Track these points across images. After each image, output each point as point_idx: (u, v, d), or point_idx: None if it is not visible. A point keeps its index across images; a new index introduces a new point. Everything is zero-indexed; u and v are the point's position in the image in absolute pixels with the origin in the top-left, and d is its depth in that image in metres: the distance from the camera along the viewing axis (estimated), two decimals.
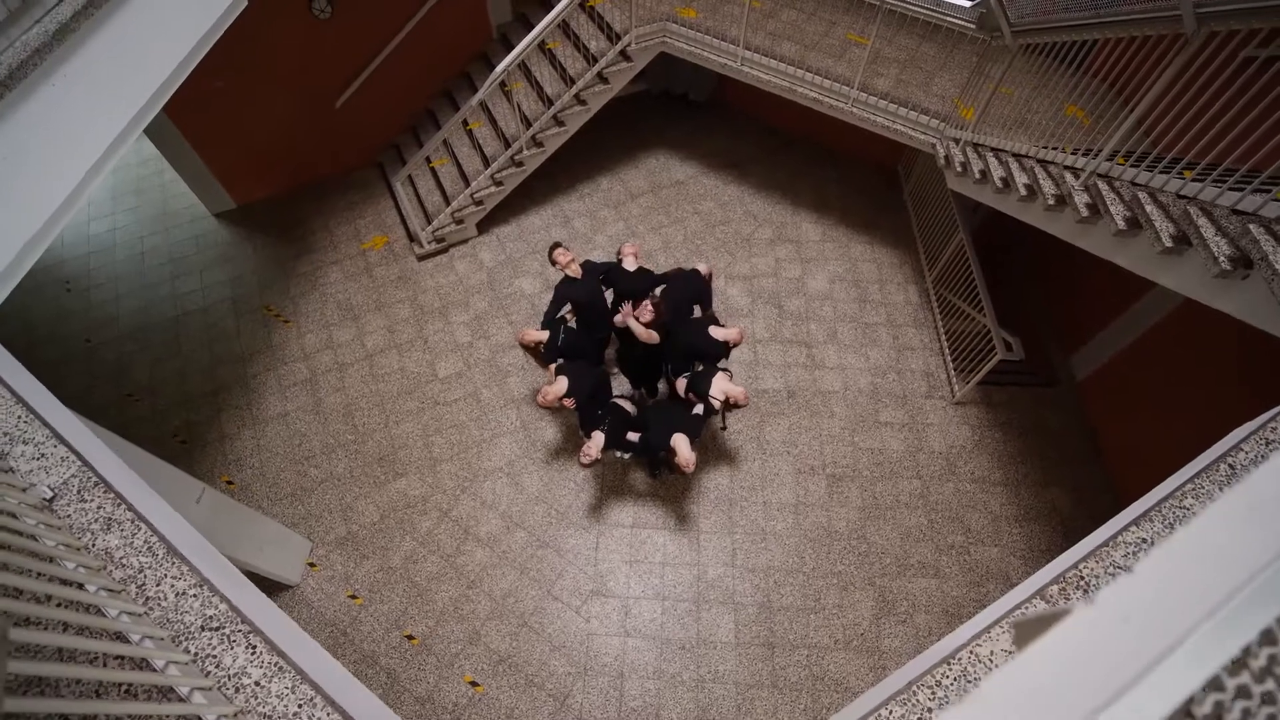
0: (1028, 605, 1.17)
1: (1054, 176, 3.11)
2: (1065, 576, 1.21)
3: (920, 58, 4.93)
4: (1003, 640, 1.15)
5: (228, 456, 4.79)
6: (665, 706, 3.85)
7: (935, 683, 1.10)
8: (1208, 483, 1.31)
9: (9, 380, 1.52)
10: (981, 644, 1.14)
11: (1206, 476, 1.33)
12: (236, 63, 5.04)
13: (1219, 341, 3.80)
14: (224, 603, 1.18)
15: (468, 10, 6.08)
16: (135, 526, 1.27)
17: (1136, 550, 1.22)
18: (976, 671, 1.11)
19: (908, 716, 1.08)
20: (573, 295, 4.17)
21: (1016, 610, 1.16)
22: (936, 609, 4.21)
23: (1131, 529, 1.25)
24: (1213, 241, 2.05)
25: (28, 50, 2.22)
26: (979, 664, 1.13)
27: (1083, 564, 1.23)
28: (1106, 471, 4.69)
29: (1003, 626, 1.16)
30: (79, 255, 6.05)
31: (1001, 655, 1.13)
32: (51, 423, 1.42)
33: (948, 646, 1.14)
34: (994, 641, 1.14)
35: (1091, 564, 1.23)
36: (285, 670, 1.09)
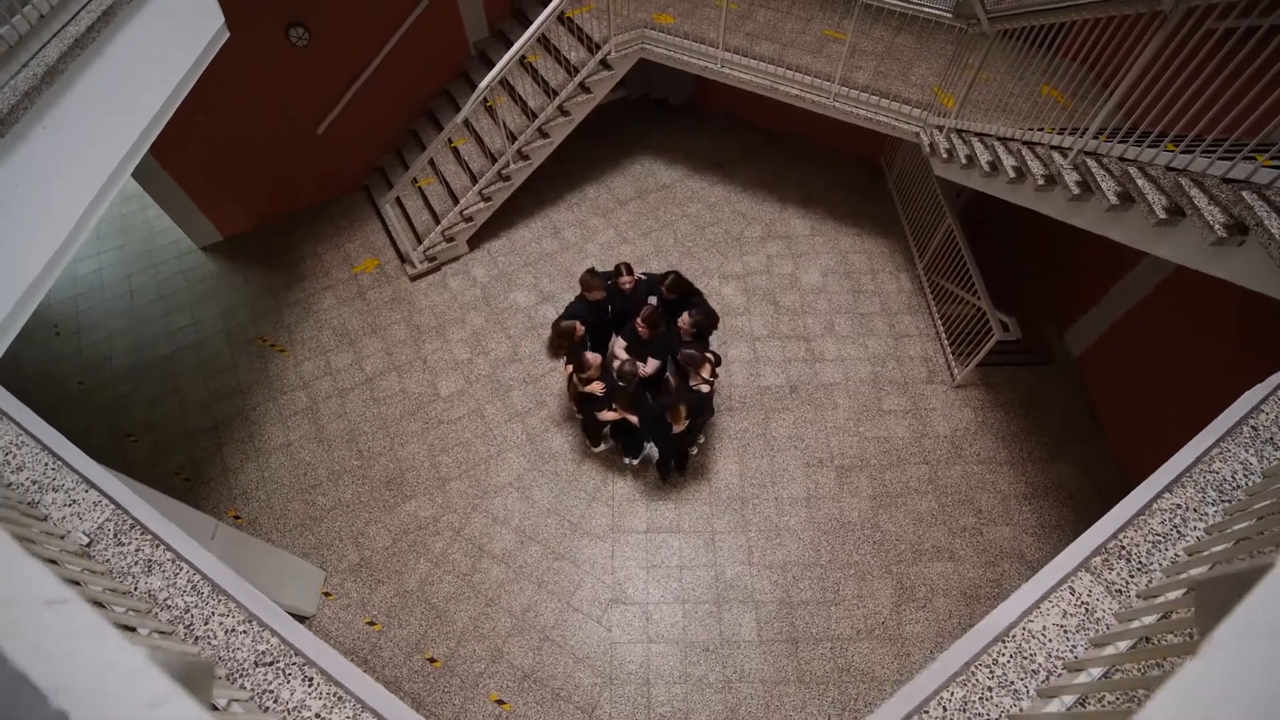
0: (1074, 578, 1.19)
1: (1041, 157, 3.17)
2: (1106, 547, 1.23)
3: (897, 49, 5.01)
4: (1054, 615, 1.16)
5: (233, 491, 4.72)
6: (694, 710, 3.83)
7: (993, 661, 1.12)
8: (1234, 445, 1.34)
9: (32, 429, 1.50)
10: (1034, 619, 1.15)
11: (1231, 439, 1.36)
12: (217, 95, 5.01)
13: (1213, 308, 3.88)
14: (275, 636, 1.17)
15: (445, 29, 6.09)
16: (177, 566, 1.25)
17: (1173, 517, 1.25)
18: (1032, 648, 1.13)
19: (969, 697, 1.09)
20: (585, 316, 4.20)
21: (1064, 583, 1.18)
22: (955, 592, 4.23)
23: (1165, 496, 1.28)
24: (1206, 211, 2.10)
25: (17, 94, 2.20)
26: (1033, 640, 1.14)
27: (1121, 534, 1.25)
28: (1108, 443, 4.76)
29: (1051, 601, 1.18)
30: (66, 298, 5.97)
31: (1055, 630, 1.14)
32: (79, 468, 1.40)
33: (1000, 623, 1.15)
34: (1045, 616, 1.16)
35: (1130, 533, 1.25)
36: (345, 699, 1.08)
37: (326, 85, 5.82)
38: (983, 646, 1.13)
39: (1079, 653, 1.11)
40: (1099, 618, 1.15)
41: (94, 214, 2.46)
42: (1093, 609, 1.16)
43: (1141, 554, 1.22)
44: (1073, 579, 1.19)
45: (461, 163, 5.93)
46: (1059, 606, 1.17)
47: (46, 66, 2.36)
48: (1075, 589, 1.18)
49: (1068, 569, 1.22)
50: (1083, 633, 1.14)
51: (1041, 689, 1.05)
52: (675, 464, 4.54)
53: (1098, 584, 1.18)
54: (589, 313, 4.21)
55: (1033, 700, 1.07)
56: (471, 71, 6.31)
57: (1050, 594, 1.18)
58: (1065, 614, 1.16)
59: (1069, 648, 1.12)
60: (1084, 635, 1.13)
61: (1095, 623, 1.15)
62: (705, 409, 3.96)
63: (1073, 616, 1.16)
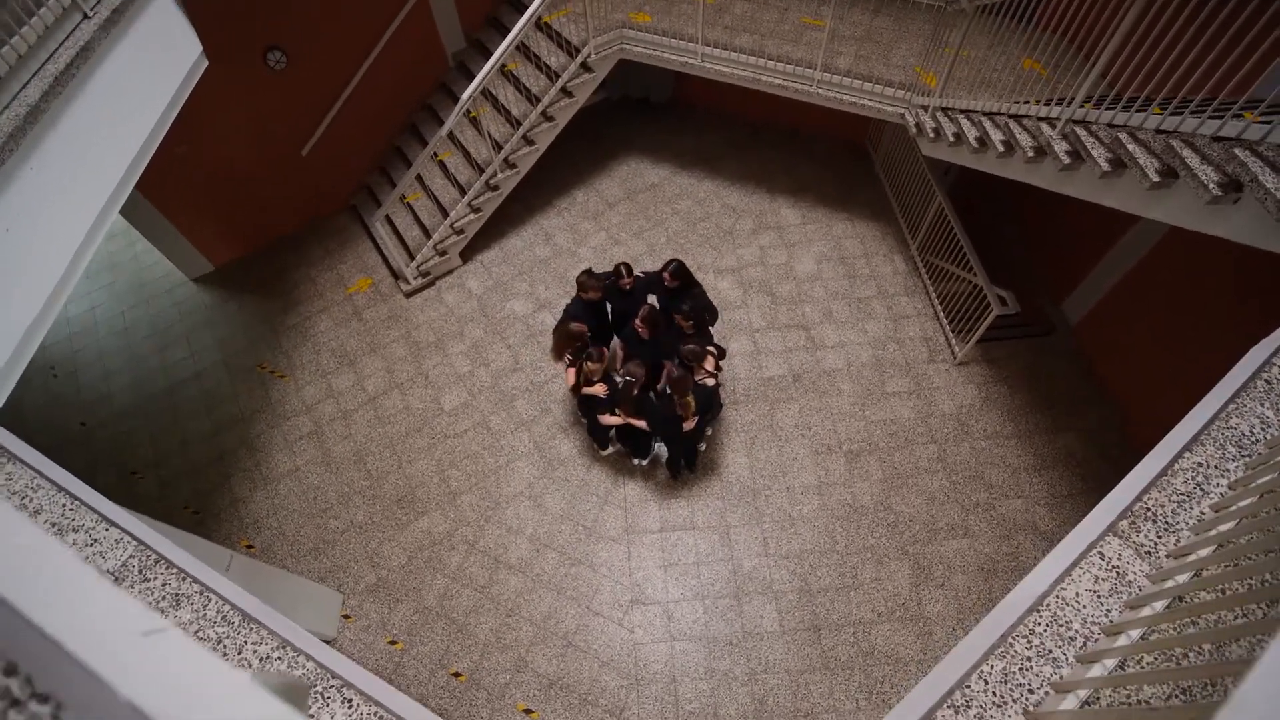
0: (1103, 544, 1.20)
1: (1029, 129, 3.18)
2: (1132, 510, 1.23)
3: (876, 32, 5.02)
4: (1085, 581, 1.17)
5: (244, 520, 4.70)
6: (722, 705, 3.83)
7: (1029, 631, 1.12)
8: (1249, 400, 1.35)
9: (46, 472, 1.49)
10: (1066, 587, 1.15)
11: (1246, 394, 1.36)
12: (198, 125, 4.99)
13: (1209, 267, 3.91)
14: (310, 660, 1.16)
15: (422, 42, 6.08)
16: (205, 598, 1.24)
17: (1195, 475, 1.25)
18: (1067, 615, 1.13)
19: (1009, 669, 1.09)
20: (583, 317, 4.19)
21: (1093, 549, 1.18)
22: (972, 568, 4.24)
23: (1185, 455, 1.28)
24: (1200, 170, 2.11)
25: (2, 136, 2.19)
26: (1067, 607, 1.14)
27: (1145, 496, 1.26)
28: (1113, 410, 4.78)
29: (1082, 567, 1.18)
30: (60, 339, 5.93)
31: (1088, 595, 1.15)
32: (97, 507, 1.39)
33: (1032, 593, 1.15)
34: (1077, 583, 1.16)
35: (1154, 494, 1.26)
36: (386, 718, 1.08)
37: (308, 107, 5.80)
38: (1018, 618, 1.13)
39: (1114, 616, 1.11)
40: (1131, 580, 1.16)
41: (87, 251, 2.45)
42: (1124, 572, 1.17)
43: (1167, 514, 1.22)
44: (1101, 544, 1.20)
45: (449, 176, 5.92)
46: (1090, 572, 1.17)
47: (29, 106, 2.35)
48: (1105, 554, 1.19)
49: (1095, 534, 1.22)
50: (1116, 596, 1.14)
51: (1081, 655, 1.06)
52: (685, 461, 4.54)
53: (1126, 547, 1.19)
54: (586, 314, 4.20)
55: (1072, 667, 1.07)
56: (451, 83, 6.30)
57: (1080, 560, 1.18)
58: (1097, 579, 1.16)
59: (1104, 612, 1.13)
60: (1118, 599, 1.13)
61: (1127, 586, 1.15)
62: (713, 403, 3.96)
63: (1104, 581, 1.16)
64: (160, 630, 0.24)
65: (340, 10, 5.40)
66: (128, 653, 0.22)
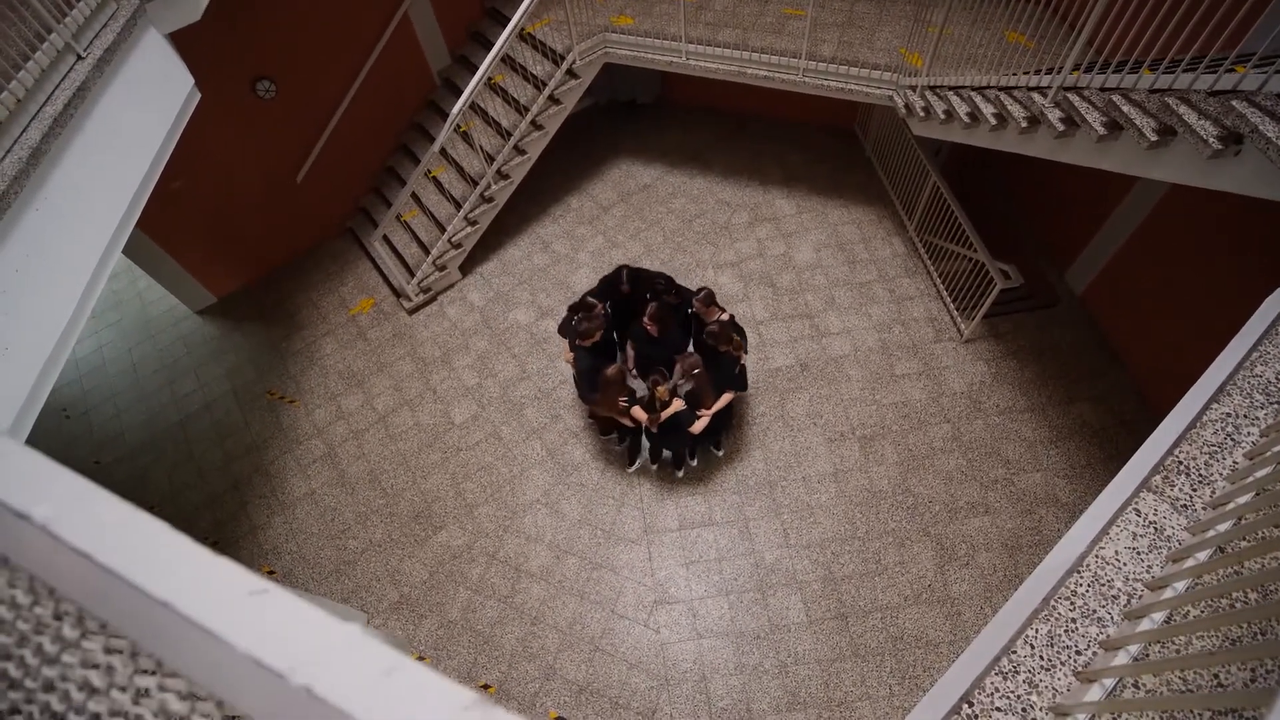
0: (1137, 500, 1.19)
1: (1021, 100, 3.18)
2: (1164, 464, 1.22)
3: (858, 17, 5.03)
4: (1123, 539, 1.16)
5: (263, 546, 4.71)
6: (754, 699, 3.81)
7: (1071, 593, 1.11)
8: (1272, 347, 1.34)
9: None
10: (1104, 546, 1.15)
11: (1268, 342, 1.36)
12: (192, 158, 5.02)
13: (1212, 222, 3.89)
14: None
15: (408, 62, 6.12)
16: None
17: (1225, 425, 1.25)
18: (1108, 574, 1.12)
19: (1054, 631, 1.09)
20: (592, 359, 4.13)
21: (1129, 506, 1.17)
22: (995, 545, 4.22)
23: (1213, 406, 1.27)
24: (1198, 126, 2.10)
25: (6, 179, 2.21)
26: (1108, 566, 1.13)
27: (1176, 449, 1.25)
28: (1129, 374, 4.76)
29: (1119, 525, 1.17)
30: (70, 380, 5.96)
31: (1128, 553, 1.14)
32: None
33: (1071, 555, 1.14)
34: (1116, 542, 1.15)
35: (1185, 448, 1.25)
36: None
37: (299, 133, 5.84)
38: (1058, 580, 1.13)
39: (1156, 571, 1.10)
40: (1169, 535, 1.15)
41: (96, 288, 2.47)
42: (1162, 527, 1.16)
43: (1200, 466, 1.21)
44: (1136, 500, 1.19)
45: (443, 191, 5.95)
46: (1127, 530, 1.17)
47: (31, 149, 2.37)
48: (1140, 510, 1.18)
49: (1128, 492, 1.21)
50: (1156, 552, 1.13)
51: (1127, 611, 1.05)
52: (689, 453, 4.52)
53: (1162, 502, 1.18)
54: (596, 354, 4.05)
55: (1119, 625, 1.06)
56: (439, 100, 6.34)
57: (1116, 519, 1.18)
58: (1135, 536, 1.15)
59: (1145, 568, 1.12)
60: (1158, 554, 1.13)
61: (1166, 541, 1.15)
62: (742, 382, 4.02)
63: (1143, 538, 1.15)
64: (265, 591, 0.24)
65: (325, 36, 5.45)
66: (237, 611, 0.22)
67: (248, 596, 0.23)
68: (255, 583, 0.24)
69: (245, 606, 0.23)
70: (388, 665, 0.21)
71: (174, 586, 0.22)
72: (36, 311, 2.15)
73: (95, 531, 0.24)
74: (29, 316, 2.14)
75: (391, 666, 0.21)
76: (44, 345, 2.14)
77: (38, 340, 2.11)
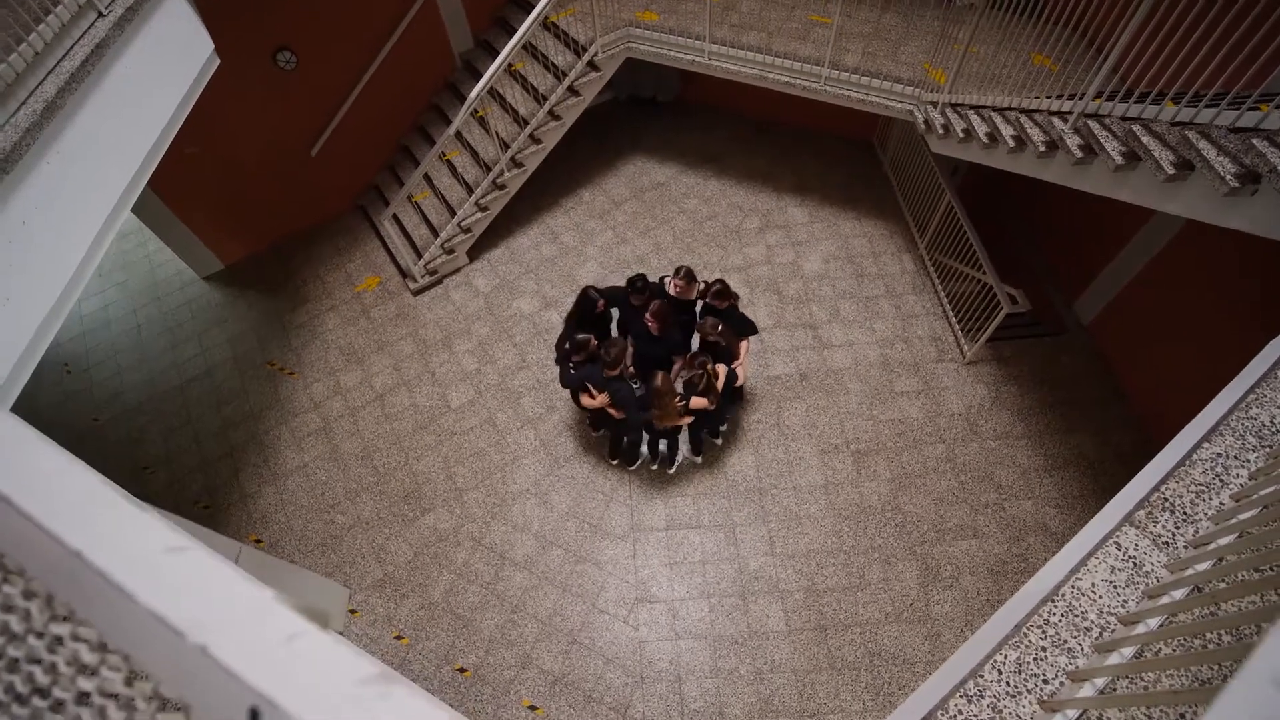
0: (1119, 534, 1.18)
1: (1041, 124, 3.16)
2: (1149, 500, 1.21)
3: (884, 28, 5.00)
4: (1101, 571, 1.15)
5: (253, 515, 4.73)
6: (727, 703, 3.81)
7: (1044, 621, 1.10)
8: (1269, 390, 1.32)
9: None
10: (1081, 577, 1.14)
11: (1266, 385, 1.34)
12: (209, 125, 5.03)
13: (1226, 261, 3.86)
14: None
15: (430, 43, 6.12)
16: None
17: (1215, 465, 1.23)
18: (1083, 605, 1.11)
19: (1023, 659, 1.08)
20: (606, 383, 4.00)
21: (1110, 539, 1.16)
22: (981, 569, 4.20)
23: (1205, 445, 1.26)
24: (1216, 162, 2.08)
25: (19, 131, 2.22)
26: (1083, 597, 1.13)
27: (1163, 486, 1.24)
28: (1132, 409, 4.72)
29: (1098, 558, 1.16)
30: (74, 336, 6.00)
31: (1104, 586, 1.13)
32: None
33: (1047, 584, 1.14)
34: (1093, 574, 1.14)
35: (1172, 485, 1.24)
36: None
37: (317, 107, 5.85)
38: (1032, 608, 1.12)
39: (1131, 606, 1.09)
40: (1148, 571, 1.14)
41: (101, 245, 2.47)
42: (1141, 563, 1.15)
43: (1186, 505, 1.20)
44: (1118, 534, 1.18)
45: (456, 175, 5.95)
46: (1106, 562, 1.16)
47: (45, 102, 2.38)
48: (1121, 544, 1.17)
49: (1111, 525, 1.20)
50: (1133, 587, 1.12)
51: (1098, 644, 1.04)
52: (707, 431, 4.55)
53: (1144, 537, 1.17)
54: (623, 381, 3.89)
55: (1089, 657, 1.05)
56: (459, 83, 6.34)
57: (1096, 551, 1.17)
58: (1114, 569, 1.14)
59: (1120, 602, 1.11)
60: (1135, 589, 1.12)
61: (1144, 576, 1.14)
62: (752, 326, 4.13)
63: (1121, 572, 1.14)
64: (183, 549, 0.23)
65: (349, 10, 5.45)
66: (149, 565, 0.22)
67: (163, 553, 0.23)
68: (175, 540, 0.24)
69: (158, 563, 0.22)
70: (292, 632, 0.21)
71: (88, 537, 0.22)
72: (41, 264, 2.16)
73: (22, 477, 0.23)
74: (33, 269, 2.15)
75: (295, 633, 0.21)
76: (46, 299, 2.15)
77: (40, 293, 2.12)
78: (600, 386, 3.82)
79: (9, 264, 2.11)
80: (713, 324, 3.89)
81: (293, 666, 0.20)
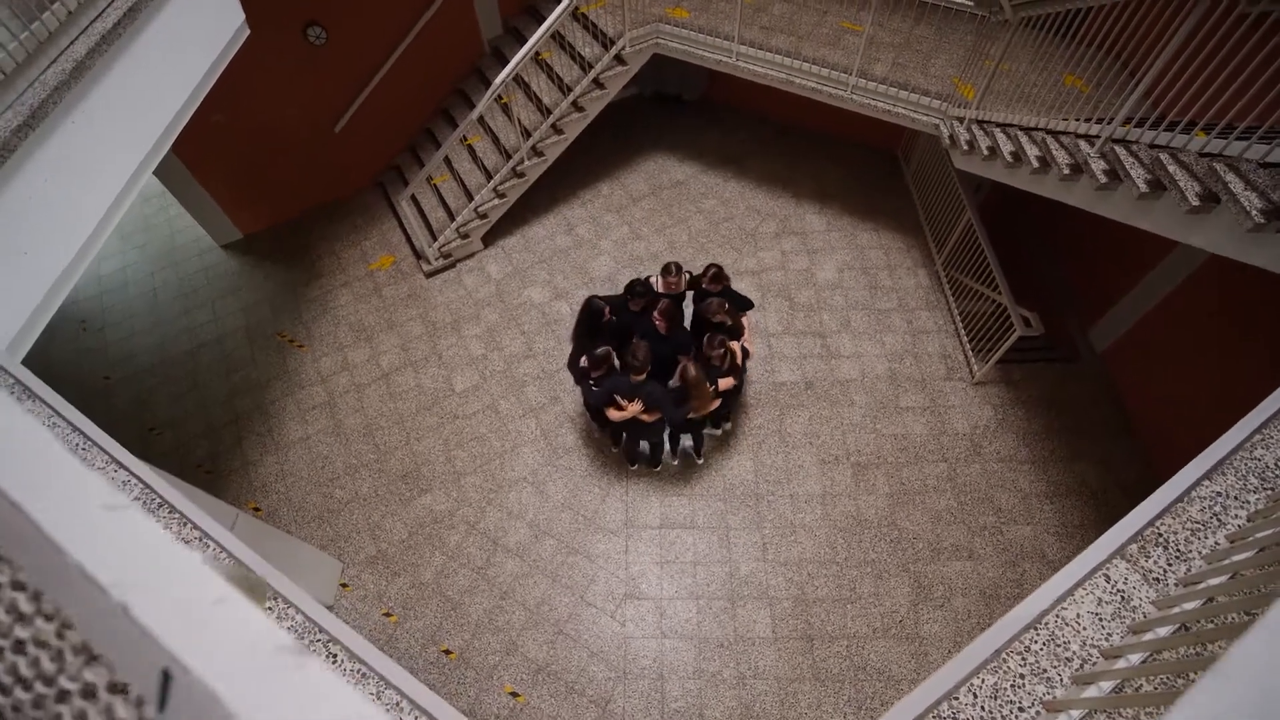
0: (1109, 566, 1.16)
1: (1066, 146, 3.11)
2: (1143, 535, 1.19)
3: (916, 40, 4.94)
4: (1088, 603, 1.13)
5: (253, 483, 4.79)
6: (708, 706, 3.81)
7: (1025, 648, 1.09)
8: (1276, 432, 1.30)
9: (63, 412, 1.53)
10: (1067, 607, 1.12)
11: (1274, 426, 1.31)
12: (236, 95, 5.08)
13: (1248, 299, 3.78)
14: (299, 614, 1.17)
15: (459, 27, 6.13)
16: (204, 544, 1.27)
17: (1213, 504, 1.21)
18: (1065, 635, 1.10)
19: (1000, 684, 1.07)
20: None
21: (1099, 571, 1.15)
22: (974, 592, 4.17)
23: (1205, 483, 1.24)
24: (1243, 196, 2.04)
25: (47, 89, 2.25)
26: (1067, 627, 1.11)
27: (1159, 521, 1.22)
28: (1140, 440, 4.65)
29: (1086, 589, 1.15)
30: (91, 295, 6.10)
31: (1089, 617, 1.11)
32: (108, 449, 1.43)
33: (1031, 611, 1.12)
34: (1079, 604, 1.13)
35: (1168, 521, 1.22)
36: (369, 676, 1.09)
37: (344, 83, 5.89)
38: (1014, 634, 1.11)
39: (1115, 640, 1.07)
40: (1135, 605, 1.12)
41: (121, 206, 2.51)
42: (1129, 597, 1.13)
43: (1180, 542, 1.18)
44: (1108, 566, 1.16)
45: (476, 160, 5.97)
46: (1094, 594, 1.14)
47: (75, 62, 2.41)
48: (1110, 576, 1.15)
49: (1102, 556, 1.18)
50: (1119, 620, 1.11)
51: (1077, 676, 1.02)
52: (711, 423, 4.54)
53: (1134, 571, 1.15)
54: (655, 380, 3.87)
55: (1067, 688, 1.04)
56: (486, 69, 6.35)
57: (1084, 581, 1.15)
58: (1100, 601, 1.12)
59: (1104, 635, 1.09)
60: (1120, 623, 1.10)
61: (1132, 611, 1.12)
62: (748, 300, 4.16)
63: (1108, 604, 1.13)
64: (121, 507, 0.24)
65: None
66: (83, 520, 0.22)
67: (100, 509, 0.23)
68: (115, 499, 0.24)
69: (93, 518, 0.23)
70: (218, 597, 0.21)
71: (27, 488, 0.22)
72: (59, 222, 2.20)
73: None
74: (52, 226, 2.19)
75: (222, 598, 0.21)
76: (62, 256, 2.18)
77: (56, 250, 2.15)
78: (629, 395, 3.70)
79: (28, 219, 2.14)
80: (719, 304, 3.89)
81: (210, 632, 0.20)
